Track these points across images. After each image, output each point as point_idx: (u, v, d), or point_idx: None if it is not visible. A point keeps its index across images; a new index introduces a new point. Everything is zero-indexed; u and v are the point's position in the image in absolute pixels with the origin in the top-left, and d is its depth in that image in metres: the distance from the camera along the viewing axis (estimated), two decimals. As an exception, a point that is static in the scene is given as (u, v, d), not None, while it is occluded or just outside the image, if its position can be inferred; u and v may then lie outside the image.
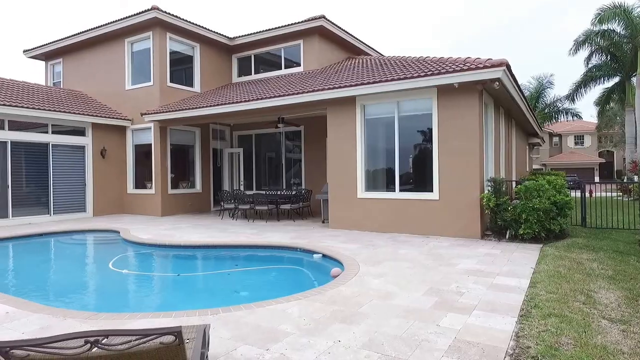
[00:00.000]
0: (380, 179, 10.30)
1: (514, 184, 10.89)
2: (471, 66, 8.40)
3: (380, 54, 17.57)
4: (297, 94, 10.74)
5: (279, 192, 13.87)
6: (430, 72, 8.85)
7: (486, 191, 8.95)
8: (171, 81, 14.23)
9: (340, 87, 10.04)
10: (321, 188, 13.06)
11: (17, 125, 12.05)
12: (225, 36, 15.79)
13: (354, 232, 9.84)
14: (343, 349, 3.45)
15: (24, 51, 17.06)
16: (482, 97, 8.93)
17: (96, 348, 1.84)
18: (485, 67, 8.23)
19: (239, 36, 15.92)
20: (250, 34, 15.64)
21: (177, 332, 1.91)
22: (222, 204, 13.35)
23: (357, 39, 16.13)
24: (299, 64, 15.14)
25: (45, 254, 9.77)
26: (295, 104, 11.02)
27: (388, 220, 9.74)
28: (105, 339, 1.88)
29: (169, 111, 12.90)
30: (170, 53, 14.16)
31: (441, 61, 9.96)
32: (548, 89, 30.41)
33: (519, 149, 17.53)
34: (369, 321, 4.08)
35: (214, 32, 15.32)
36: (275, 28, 15.01)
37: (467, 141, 8.79)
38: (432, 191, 9.23)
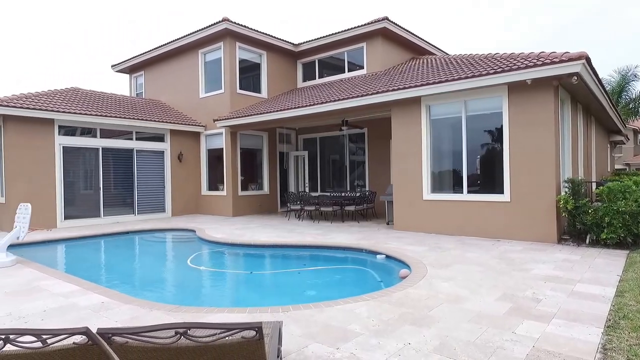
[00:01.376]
0: (447, 180, 10.02)
1: (594, 185, 10.08)
2: (545, 61, 7.91)
3: (445, 53, 17.07)
4: (361, 96, 10.77)
5: (343, 194, 13.99)
6: (501, 69, 8.46)
7: (563, 193, 8.38)
8: (240, 88, 14.91)
9: (404, 88, 9.91)
10: (385, 189, 12.97)
11: (106, 133, 13.29)
12: (290, 43, 16.22)
13: (419, 234, 9.67)
14: (414, 352, 3.43)
15: (112, 66, 18.80)
16: (557, 93, 8.38)
17: (184, 339, 2.02)
18: (561, 61, 7.70)
19: (303, 42, 16.28)
20: (314, 39, 15.94)
21: (258, 328, 2.04)
22: (289, 205, 13.73)
23: (421, 39, 15.81)
24: (362, 67, 15.16)
25: (132, 250, 10.67)
26: (359, 107, 11.06)
27: (455, 222, 9.45)
28: (192, 331, 2.06)
29: (239, 117, 13.52)
30: (239, 61, 14.84)
31: (512, 57, 9.48)
32: (633, 82, 27.60)
33: (599, 147, 16.15)
34: (440, 325, 4.01)
35: (280, 39, 15.80)
36: (338, 32, 15.15)
37: (541, 140, 8.28)
38: (502, 193, 8.82)
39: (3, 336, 1.85)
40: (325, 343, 3.66)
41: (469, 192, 9.44)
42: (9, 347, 1.90)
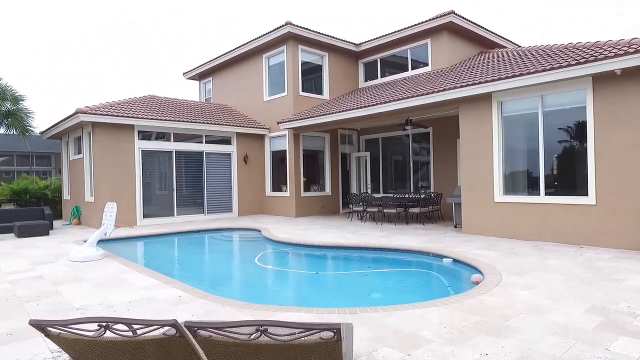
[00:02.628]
0: (521, 181, 9.43)
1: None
2: (638, 48, 7.18)
3: (517, 45, 16.12)
4: (426, 94, 10.47)
5: (406, 195, 13.69)
6: (584, 59, 7.79)
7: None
8: (303, 90, 15.13)
9: (473, 84, 9.48)
10: (452, 191, 12.50)
11: (179, 137, 14.09)
12: (351, 43, 16.19)
13: (490, 239, 9.19)
14: (492, 363, 3.24)
15: (183, 73, 19.94)
16: (653, 83, 7.56)
17: (264, 336, 2.05)
18: (659, 47, 6.94)
19: (365, 42, 16.18)
20: (376, 38, 15.78)
21: (336, 329, 2.02)
22: (351, 206, 13.69)
23: (490, 32, 15.05)
24: (426, 64, 14.75)
25: (203, 247, 11.20)
26: (424, 105, 10.76)
27: (530, 226, 8.86)
28: (272, 329, 2.08)
29: (301, 118, 13.72)
30: (301, 64, 15.06)
31: (596, 46, 8.72)
32: None
33: None
34: (520, 336, 3.76)
35: (341, 40, 15.83)
36: (401, 30, 14.87)
37: (635, 135, 7.51)
38: (586, 194, 8.12)
39: (104, 324, 1.99)
40: (396, 348, 3.56)
41: (546, 193, 8.81)
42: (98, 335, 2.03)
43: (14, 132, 16.23)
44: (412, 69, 15.28)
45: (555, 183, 8.88)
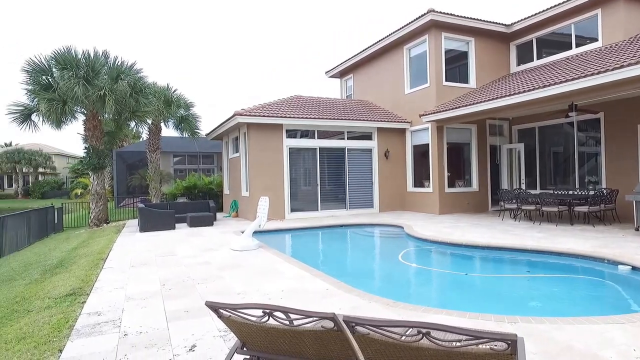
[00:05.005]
0: None
1: None
2: None
3: None
4: (597, 74, 8.86)
5: (570, 192, 11.89)
6: None
7: None
8: (446, 80, 14.31)
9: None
10: (631, 187, 10.41)
11: (322, 134, 14.68)
12: (501, 24, 14.73)
13: (695, 246, 7.35)
14: None
15: (325, 72, 20.78)
16: None
17: (426, 339, 1.86)
18: None
19: (518, 21, 14.56)
20: (531, 15, 14.07)
21: (511, 341, 1.73)
22: (502, 203, 12.47)
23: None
24: (595, 39, 12.59)
25: (346, 242, 11.47)
26: (596, 86, 9.13)
27: None
28: (434, 333, 1.88)
29: (445, 110, 12.98)
30: (445, 52, 14.26)
31: None
32: None
33: None
34: None
35: (489, 22, 14.52)
36: (563, 2, 12.95)
37: None
38: None
39: (268, 311, 2.04)
40: (576, 370, 3.01)
41: None
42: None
43: (186, 135, 19.02)
44: (576, 47, 13.21)
45: None
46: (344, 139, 15.02)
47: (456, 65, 14.93)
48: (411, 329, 1.95)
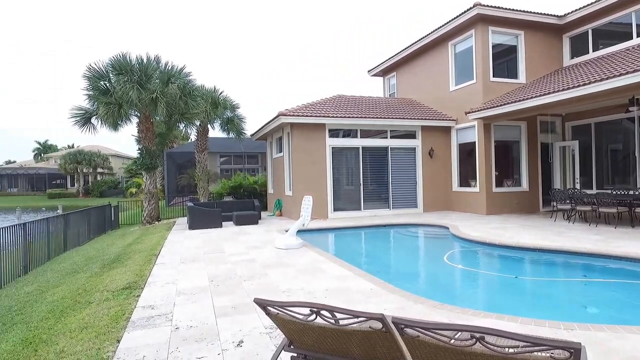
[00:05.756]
0: None
1: None
2: None
3: None
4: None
5: (630, 192, 11.12)
6: None
7: None
8: (494, 76, 13.79)
9: None
10: None
11: (365, 133, 14.60)
12: (553, 15, 14.03)
13: None
14: None
15: (368, 71, 20.64)
16: None
17: (479, 345, 1.81)
18: None
19: (571, 12, 13.81)
20: (586, 5, 13.33)
21: (574, 349, 1.64)
22: (555, 204, 11.87)
23: None
24: (661, 26, 11.69)
25: (389, 242, 11.34)
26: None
27: None
28: (488, 338, 1.82)
29: (493, 107, 12.52)
30: (492, 47, 13.75)
31: None
32: None
33: None
34: None
35: (540, 13, 13.86)
36: (625, -11, 12.14)
37: None
38: None
39: (316, 309, 2.07)
40: (641, 382, 2.82)
41: None
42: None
43: (232, 136, 19.53)
44: (637, 37, 12.34)
45: None
46: (386, 137, 14.86)
47: (504, 60, 14.36)
48: (462, 333, 1.90)
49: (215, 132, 20.29)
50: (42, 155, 67.35)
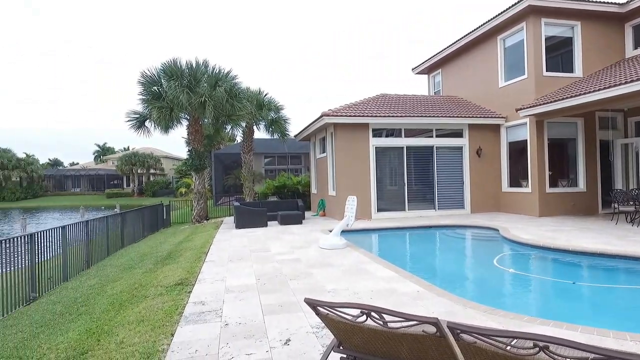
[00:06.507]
0: None
1: None
2: None
3: None
4: None
5: None
6: None
7: None
8: (547, 70, 13.12)
9: None
10: None
11: (409, 132, 14.35)
12: (614, 4, 13.15)
13: None
14: None
15: (412, 69, 20.28)
16: None
17: (543, 354, 1.71)
18: None
19: (636, -2, 12.88)
20: (653, -9, 12.36)
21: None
22: (616, 205, 11.10)
23: None
24: None
25: (435, 244, 11.07)
26: None
27: None
28: (554, 348, 1.73)
29: (546, 103, 11.90)
30: (545, 39, 13.08)
31: None
32: None
33: None
34: None
35: (599, 2, 13.04)
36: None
37: None
38: None
39: (366, 311, 2.05)
40: None
41: None
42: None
43: (276, 136, 19.84)
44: None
45: None
46: (432, 137, 14.53)
47: (558, 54, 13.63)
48: (521, 341, 1.81)
49: (260, 133, 20.69)
50: (101, 157, 71.65)
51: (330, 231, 9.67)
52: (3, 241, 6.41)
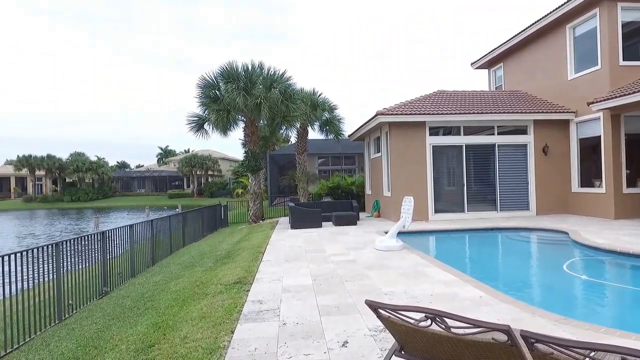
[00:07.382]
0: None
1: None
2: None
3: None
4: None
5: None
6: None
7: None
8: (624, 59, 12.06)
9: None
10: None
11: (468, 130, 13.79)
12: (703, -17, 11.82)
13: None
14: None
15: (471, 64, 19.48)
16: None
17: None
18: None
19: None
20: None
21: None
22: None
23: None
24: None
25: (498, 247, 10.55)
26: None
27: None
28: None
29: (624, 95, 10.91)
30: (621, 26, 12.02)
31: None
32: None
33: None
34: None
35: (686, -18, 11.78)
36: None
37: None
38: None
39: (431, 315, 1.95)
40: None
41: None
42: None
43: (330, 137, 19.88)
44: None
45: None
46: (493, 134, 13.86)
47: (636, 41, 12.47)
48: (600, 353, 1.63)
49: (314, 134, 20.84)
50: (164, 159, 75.87)
51: (386, 232, 9.50)
52: (79, 238, 6.93)
